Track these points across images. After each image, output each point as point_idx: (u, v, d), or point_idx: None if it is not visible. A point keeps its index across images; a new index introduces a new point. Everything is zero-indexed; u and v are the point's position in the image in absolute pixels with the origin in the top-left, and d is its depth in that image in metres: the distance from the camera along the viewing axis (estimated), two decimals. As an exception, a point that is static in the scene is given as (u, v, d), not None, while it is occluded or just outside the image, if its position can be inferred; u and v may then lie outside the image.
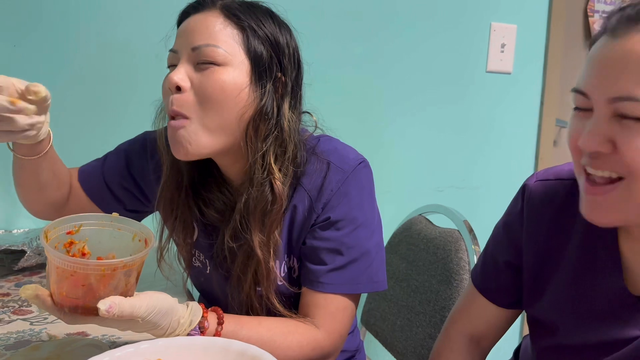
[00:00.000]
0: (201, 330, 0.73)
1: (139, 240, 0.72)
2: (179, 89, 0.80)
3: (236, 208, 0.87)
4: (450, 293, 1.16)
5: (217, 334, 0.75)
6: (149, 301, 0.66)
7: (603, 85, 0.60)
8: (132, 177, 1.02)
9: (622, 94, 0.58)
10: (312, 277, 0.86)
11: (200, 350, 0.61)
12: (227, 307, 0.93)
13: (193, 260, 0.98)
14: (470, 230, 1.21)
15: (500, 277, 0.85)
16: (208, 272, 0.97)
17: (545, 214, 0.79)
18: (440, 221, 1.33)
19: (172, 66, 0.84)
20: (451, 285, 1.17)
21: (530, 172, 1.99)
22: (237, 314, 0.88)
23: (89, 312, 0.65)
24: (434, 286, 1.22)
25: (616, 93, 0.59)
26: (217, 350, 0.61)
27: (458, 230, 1.23)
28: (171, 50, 0.85)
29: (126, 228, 0.73)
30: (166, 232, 0.97)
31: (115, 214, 0.73)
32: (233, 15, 0.83)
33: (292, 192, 0.88)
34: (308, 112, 0.93)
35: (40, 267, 1.17)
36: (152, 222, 0.99)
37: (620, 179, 0.61)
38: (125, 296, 0.66)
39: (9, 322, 0.89)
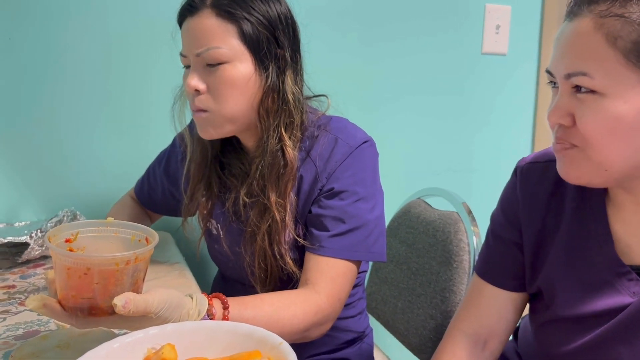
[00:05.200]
0: (210, 317, 0.75)
1: (139, 241, 0.72)
2: (197, 91, 0.92)
3: (251, 172, 0.98)
4: (451, 274, 1.18)
5: (224, 318, 0.77)
6: (160, 296, 0.67)
7: (559, 63, 0.68)
8: (169, 179, 1.18)
9: (573, 69, 0.66)
10: (315, 242, 0.94)
11: (208, 333, 0.62)
12: (238, 266, 1.04)
13: (209, 225, 1.08)
14: (469, 212, 1.22)
15: (505, 258, 0.86)
16: (221, 236, 1.06)
17: (539, 194, 0.82)
18: (439, 204, 1.34)
19: (187, 67, 0.95)
20: (451, 266, 1.18)
21: (527, 153, 1.99)
22: (249, 269, 0.99)
23: (101, 312, 0.66)
24: (434, 268, 1.23)
25: (568, 69, 0.66)
26: (224, 333, 0.62)
27: (457, 213, 1.24)
28: (181, 54, 0.95)
29: (123, 231, 0.73)
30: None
31: (110, 219, 0.74)
32: (224, 11, 0.89)
33: (300, 163, 0.97)
34: (325, 95, 1.02)
35: (44, 258, 1.17)
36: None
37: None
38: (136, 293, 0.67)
39: (17, 313, 0.91)
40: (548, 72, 0.71)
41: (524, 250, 0.84)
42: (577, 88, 0.67)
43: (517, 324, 0.99)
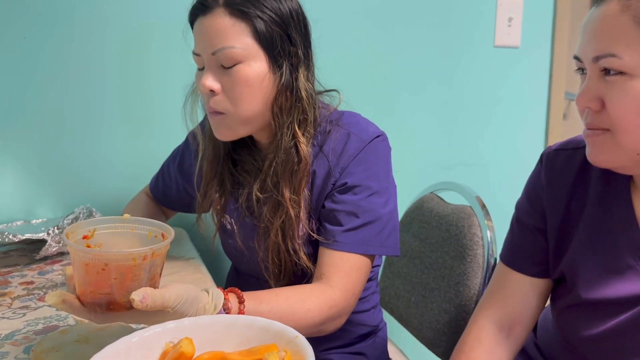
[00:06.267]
0: (226, 311, 0.76)
1: (155, 237, 0.73)
2: (212, 91, 0.91)
3: (264, 168, 0.99)
4: (465, 268, 1.18)
5: (240, 312, 0.77)
6: (177, 291, 0.68)
7: (588, 47, 0.69)
8: (183, 176, 1.18)
9: (602, 52, 0.67)
10: (329, 237, 0.94)
11: (224, 327, 0.63)
12: (252, 261, 1.05)
13: (223, 220, 1.08)
14: (483, 206, 1.22)
15: (529, 245, 0.87)
16: (235, 232, 1.07)
17: (564, 180, 0.83)
18: (452, 198, 1.34)
19: (202, 68, 0.94)
20: (465, 260, 1.18)
21: (540, 146, 1.99)
22: (263, 264, 1.00)
23: (119, 307, 0.67)
24: (447, 262, 1.23)
25: (597, 52, 0.68)
26: (240, 327, 0.62)
27: (470, 207, 1.24)
28: (194, 53, 0.94)
29: (140, 227, 0.74)
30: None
31: (126, 215, 0.75)
32: (237, 10, 0.89)
33: (313, 158, 0.97)
34: (336, 90, 1.02)
35: (61, 255, 1.19)
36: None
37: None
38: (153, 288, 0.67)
39: (36, 308, 0.92)
40: (576, 57, 0.72)
41: (548, 235, 0.85)
42: (606, 71, 0.68)
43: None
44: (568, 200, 0.82)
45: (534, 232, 0.86)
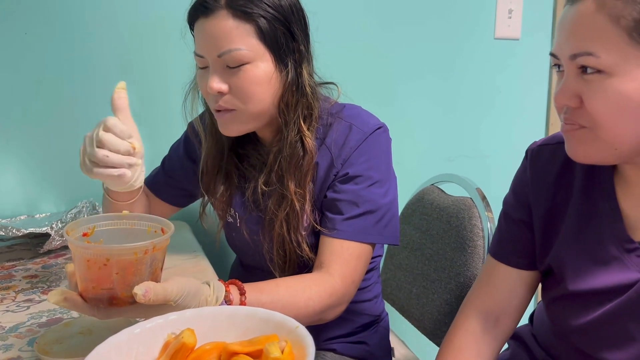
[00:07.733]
0: (227, 303, 0.76)
1: (155, 232, 0.74)
2: (220, 92, 0.91)
3: (268, 162, 0.99)
4: (465, 260, 1.18)
5: (242, 303, 0.78)
6: (178, 284, 0.68)
7: (564, 45, 0.69)
8: (191, 159, 1.16)
9: (578, 50, 0.66)
10: (329, 225, 0.96)
11: (226, 318, 0.63)
12: (257, 253, 1.05)
13: (228, 214, 1.08)
14: (483, 198, 1.22)
15: (515, 238, 0.88)
16: (239, 224, 1.08)
17: (549, 173, 0.83)
18: (453, 190, 1.35)
19: (204, 67, 0.93)
20: (465, 252, 1.19)
21: (541, 137, 1.99)
22: (268, 256, 1.01)
23: (121, 302, 0.67)
24: (448, 254, 1.24)
25: (573, 50, 0.67)
26: (242, 318, 0.63)
27: (471, 198, 1.24)
28: (196, 54, 0.93)
29: (139, 223, 0.75)
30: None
31: (125, 212, 0.76)
32: (240, 11, 0.88)
33: (316, 151, 0.97)
34: (334, 83, 1.03)
35: (64, 248, 1.20)
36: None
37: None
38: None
39: (39, 301, 0.93)
40: (552, 54, 0.72)
41: (534, 228, 0.85)
42: (583, 69, 0.67)
43: (534, 308, 1.00)
44: (553, 194, 0.83)
45: (520, 226, 0.87)
